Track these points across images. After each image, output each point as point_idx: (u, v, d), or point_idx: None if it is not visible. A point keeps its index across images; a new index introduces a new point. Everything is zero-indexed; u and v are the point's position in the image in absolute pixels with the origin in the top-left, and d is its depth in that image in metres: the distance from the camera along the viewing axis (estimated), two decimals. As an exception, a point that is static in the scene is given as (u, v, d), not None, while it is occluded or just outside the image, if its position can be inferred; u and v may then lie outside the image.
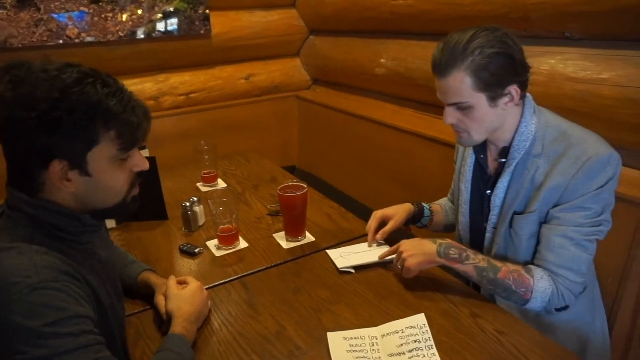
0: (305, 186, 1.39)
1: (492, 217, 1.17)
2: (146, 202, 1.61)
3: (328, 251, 1.33)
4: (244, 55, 3.07)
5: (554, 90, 1.56)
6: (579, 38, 1.57)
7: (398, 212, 1.34)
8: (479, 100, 1.03)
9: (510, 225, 1.13)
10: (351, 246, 1.35)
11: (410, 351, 0.92)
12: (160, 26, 2.63)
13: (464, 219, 1.27)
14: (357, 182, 2.88)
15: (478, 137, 1.10)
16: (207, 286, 1.19)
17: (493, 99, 1.03)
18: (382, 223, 1.34)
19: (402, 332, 0.96)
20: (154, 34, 2.63)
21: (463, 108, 1.05)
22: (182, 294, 1.03)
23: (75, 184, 0.80)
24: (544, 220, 1.09)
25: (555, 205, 1.06)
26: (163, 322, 1.03)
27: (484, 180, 1.21)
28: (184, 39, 2.75)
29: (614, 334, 1.45)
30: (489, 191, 1.18)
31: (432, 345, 0.92)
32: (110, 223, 1.56)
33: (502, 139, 1.13)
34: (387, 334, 0.97)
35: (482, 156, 1.20)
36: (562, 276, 1.05)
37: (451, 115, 1.08)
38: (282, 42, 3.17)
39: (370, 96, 2.85)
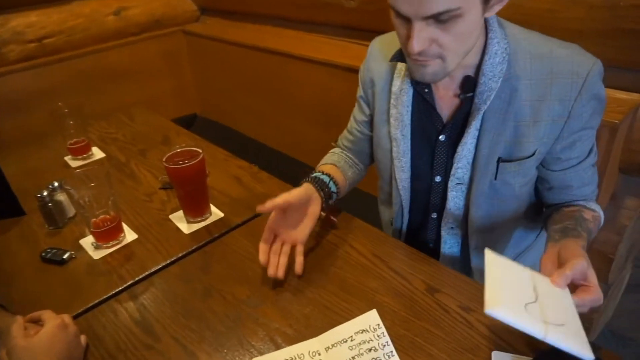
0: (200, 151, 1.06)
1: (458, 169, 0.91)
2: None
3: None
4: (108, -16, 2.49)
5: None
6: None
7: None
8: (473, 4, 0.71)
9: (496, 175, 0.90)
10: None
11: (365, 365, 0.69)
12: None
13: (403, 174, 0.99)
14: (269, 125, 2.56)
15: (454, 63, 0.78)
16: (80, 310, 0.87)
17: (488, 0, 0.73)
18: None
19: (352, 340, 0.73)
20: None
21: (445, 20, 0.70)
22: (33, 345, 0.71)
23: None
24: (547, 163, 0.91)
25: (558, 139, 0.86)
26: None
27: (432, 122, 0.93)
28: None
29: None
30: (442, 137, 0.92)
31: (392, 352, 0.71)
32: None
33: (467, 64, 0.84)
34: (333, 345, 0.73)
35: (426, 90, 0.90)
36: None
37: (425, 35, 0.72)
38: (154, -36, 2.62)
39: (270, 23, 2.50)
